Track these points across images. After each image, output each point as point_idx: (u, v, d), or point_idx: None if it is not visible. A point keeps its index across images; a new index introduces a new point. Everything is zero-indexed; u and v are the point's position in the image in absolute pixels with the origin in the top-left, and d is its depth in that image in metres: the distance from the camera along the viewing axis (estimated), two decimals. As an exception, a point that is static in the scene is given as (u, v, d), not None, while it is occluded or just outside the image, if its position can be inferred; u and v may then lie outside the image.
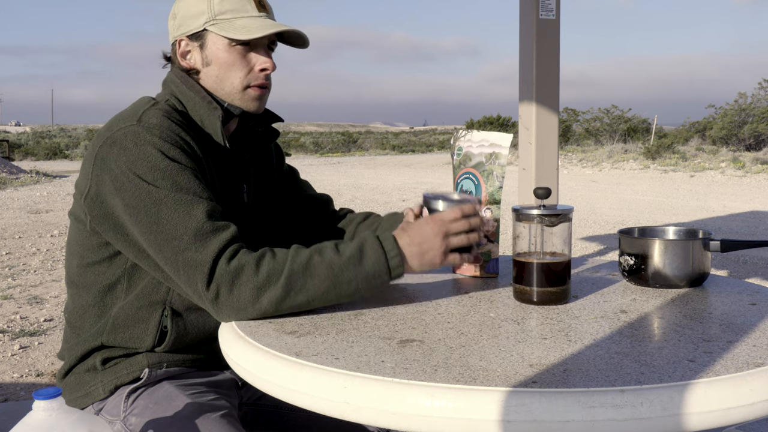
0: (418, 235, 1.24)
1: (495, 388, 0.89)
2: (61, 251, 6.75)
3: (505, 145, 1.47)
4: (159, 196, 1.22)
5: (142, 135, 1.26)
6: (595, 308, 1.27)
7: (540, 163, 3.72)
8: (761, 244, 1.41)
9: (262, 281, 1.17)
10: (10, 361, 3.60)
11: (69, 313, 1.42)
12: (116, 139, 1.27)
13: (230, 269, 1.18)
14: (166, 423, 1.27)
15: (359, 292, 1.21)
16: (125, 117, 1.32)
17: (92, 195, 1.30)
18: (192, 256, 1.19)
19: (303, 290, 1.18)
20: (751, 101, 26.91)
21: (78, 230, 1.37)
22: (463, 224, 1.26)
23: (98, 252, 1.35)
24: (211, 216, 1.23)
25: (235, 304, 1.18)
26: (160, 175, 1.23)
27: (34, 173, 17.71)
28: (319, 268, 1.18)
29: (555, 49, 3.69)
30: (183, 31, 1.40)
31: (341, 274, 1.19)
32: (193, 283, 1.19)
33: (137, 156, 1.24)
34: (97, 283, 1.37)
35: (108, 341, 1.36)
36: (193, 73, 1.42)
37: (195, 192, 1.24)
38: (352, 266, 1.19)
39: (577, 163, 21.45)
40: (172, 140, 1.28)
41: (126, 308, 1.35)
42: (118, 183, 1.25)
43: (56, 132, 48.64)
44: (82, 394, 1.37)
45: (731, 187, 13.70)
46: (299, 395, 0.99)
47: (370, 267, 1.20)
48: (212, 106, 1.38)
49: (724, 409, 0.89)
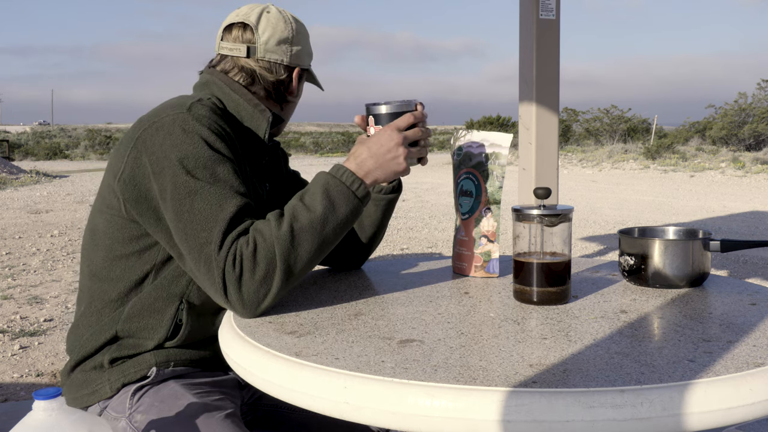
0: (377, 146, 1.31)
1: (495, 388, 0.89)
2: (62, 251, 6.75)
3: (505, 145, 1.47)
4: (195, 186, 1.24)
5: (191, 123, 1.29)
6: (595, 308, 1.27)
7: (540, 163, 3.73)
8: (761, 244, 1.41)
9: (262, 275, 1.20)
10: (10, 361, 3.60)
11: (86, 307, 1.41)
12: (164, 124, 1.30)
13: (235, 272, 1.19)
14: (171, 421, 1.27)
15: (345, 231, 1.28)
16: (173, 105, 1.34)
17: (126, 177, 1.31)
18: (213, 252, 1.20)
19: (299, 260, 1.22)
20: (751, 101, 26.92)
21: (108, 221, 1.37)
22: (416, 131, 1.34)
23: (129, 245, 1.35)
24: (242, 212, 1.24)
25: (246, 302, 1.20)
26: (201, 163, 1.26)
27: (34, 173, 17.72)
28: (303, 234, 1.22)
29: (555, 49, 3.70)
30: (300, 63, 1.54)
31: (324, 228, 1.24)
32: (211, 279, 1.21)
33: (183, 141, 1.27)
34: (124, 278, 1.37)
35: (122, 331, 1.36)
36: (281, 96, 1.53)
37: (232, 186, 1.26)
38: (330, 216, 1.24)
39: (577, 163, 21.46)
40: (218, 132, 1.31)
41: (143, 298, 1.36)
42: (159, 167, 1.26)
43: (56, 132, 48.65)
44: (89, 391, 1.37)
45: (731, 187, 13.70)
46: (299, 395, 0.99)
47: (344, 208, 1.26)
48: (259, 108, 1.45)
49: (724, 409, 0.89)
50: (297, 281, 1.25)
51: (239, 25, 1.48)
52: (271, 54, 1.48)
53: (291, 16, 1.52)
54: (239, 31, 1.48)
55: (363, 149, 1.32)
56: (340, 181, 1.27)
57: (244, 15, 1.49)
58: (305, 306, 1.30)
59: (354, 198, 1.27)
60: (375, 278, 1.56)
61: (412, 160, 1.35)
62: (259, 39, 1.47)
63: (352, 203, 1.27)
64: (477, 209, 1.49)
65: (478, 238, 1.49)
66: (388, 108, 1.37)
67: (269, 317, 1.23)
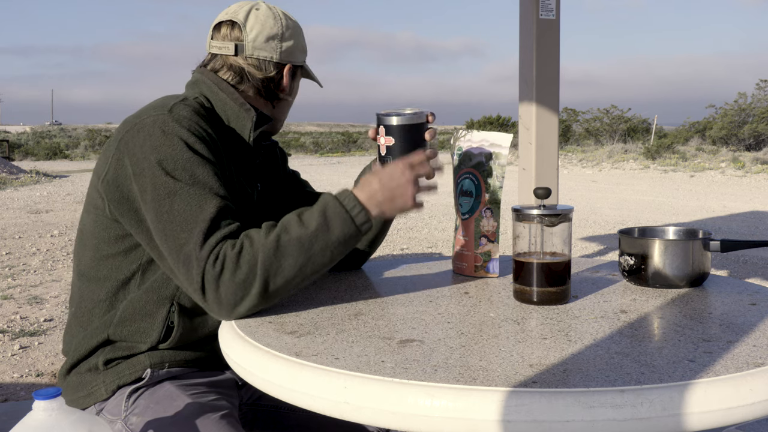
0: (388, 178, 1.28)
1: (495, 388, 0.89)
2: (62, 251, 6.75)
3: (505, 145, 1.47)
4: (175, 187, 1.24)
5: (171, 124, 1.29)
6: (595, 308, 1.27)
7: (540, 163, 3.73)
8: (761, 244, 1.41)
9: (242, 279, 1.18)
10: (10, 361, 3.60)
11: (76, 307, 1.42)
12: (144, 125, 1.30)
13: (215, 270, 1.19)
14: (167, 423, 1.27)
15: (335, 257, 1.24)
16: (156, 107, 1.35)
17: (110, 178, 1.31)
18: (193, 252, 1.20)
19: (280, 272, 1.19)
20: (751, 101, 26.91)
21: (94, 221, 1.37)
22: (428, 168, 1.31)
23: (115, 245, 1.36)
24: (222, 214, 1.24)
25: (222, 303, 1.20)
26: (180, 165, 1.26)
27: (34, 173, 17.71)
28: (289, 247, 1.20)
29: (555, 49, 3.70)
30: (291, 60, 1.51)
31: (312, 246, 1.20)
32: (190, 278, 1.21)
33: (162, 143, 1.27)
34: (111, 278, 1.37)
35: (114, 334, 1.36)
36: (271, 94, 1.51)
37: (211, 188, 1.26)
38: (321, 235, 1.21)
39: (577, 163, 21.46)
40: (198, 134, 1.31)
41: (134, 302, 1.35)
42: (139, 168, 1.27)
43: (56, 132, 48.64)
44: (84, 394, 1.38)
45: (731, 187, 13.70)
46: (299, 395, 0.99)
47: (338, 231, 1.22)
48: (245, 107, 1.43)
49: (724, 409, 0.90)
50: (276, 297, 1.22)
51: (227, 23, 1.47)
52: (260, 51, 1.47)
53: (282, 13, 1.51)
54: (227, 29, 1.47)
55: (374, 180, 1.28)
56: (341, 204, 1.24)
57: (233, 13, 1.48)
58: (305, 306, 1.30)
59: (351, 223, 1.23)
60: (375, 278, 1.56)
61: (420, 199, 1.32)
62: (247, 36, 1.46)
63: (348, 228, 1.23)
64: (477, 209, 1.49)
65: (478, 238, 1.49)
66: (399, 120, 1.35)
67: (269, 317, 1.23)
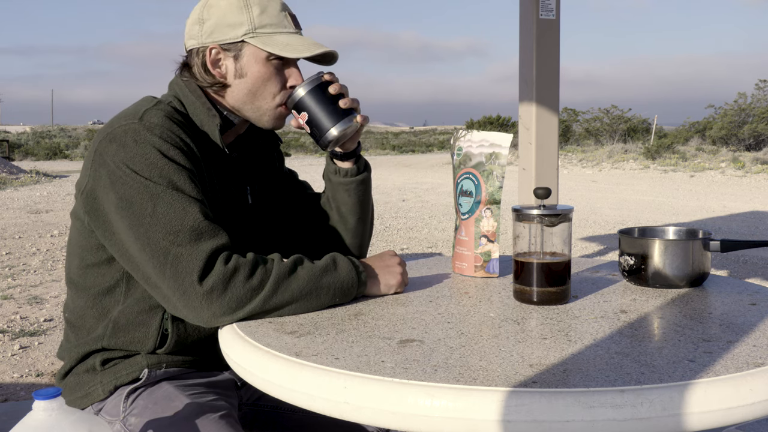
0: (380, 261, 1.40)
1: (495, 388, 0.89)
2: (61, 251, 6.75)
3: (505, 145, 1.47)
4: (156, 190, 1.23)
5: (142, 133, 1.27)
6: (595, 308, 1.27)
7: (540, 163, 3.73)
8: (761, 244, 1.41)
9: (256, 284, 1.21)
10: (10, 361, 3.60)
11: (69, 313, 1.42)
12: (116, 136, 1.28)
13: (227, 269, 1.20)
14: (166, 423, 1.27)
15: (335, 298, 1.29)
16: (127, 115, 1.32)
17: (88, 191, 1.30)
18: (185, 251, 1.20)
19: (288, 290, 1.24)
20: (750, 101, 26.91)
21: (78, 230, 1.37)
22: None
23: (97, 254, 1.35)
24: (207, 217, 1.25)
25: (227, 302, 1.20)
26: (157, 172, 1.24)
27: (34, 173, 17.71)
28: (301, 273, 1.26)
29: (555, 49, 3.69)
30: (216, 39, 1.38)
31: (320, 279, 1.27)
32: (180, 277, 1.20)
33: (135, 153, 1.25)
34: (95, 285, 1.37)
35: (109, 345, 1.36)
36: (218, 84, 1.40)
37: (189, 194, 1.26)
38: (329, 273, 1.29)
39: (577, 163, 21.46)
40: (171, 140, 1.29)
41: (126, 312, 1.35)
42: (114, 177, 1.25)
43: (56, 132, 48.62)
44: (82, 394, 1.38)
45: (731, 187, 13.70)
46: (299, 395, 0.99)
47: (344, 275, 1.30)
48: (211, 113, 1.38)
49: (724, 409, 0.90)
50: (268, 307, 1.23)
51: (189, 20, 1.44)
52: (189, 41, 1.41)
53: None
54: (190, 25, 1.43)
55: (369, 260, 1.41)
56: (348, 258, 1.33)
57: None
58: (305, 306, 1.30)
59: (354, 270, 1.31)
60: (375, 278, 1.55)
61: (405, 281, 1.41)
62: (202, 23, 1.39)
63: (352, 273, 1.31)
64: (477, 209, 1.49)
65: (478, 238, 1.49)
66: (298, 93, 1.40)
67: (269, 317, 1.23)
